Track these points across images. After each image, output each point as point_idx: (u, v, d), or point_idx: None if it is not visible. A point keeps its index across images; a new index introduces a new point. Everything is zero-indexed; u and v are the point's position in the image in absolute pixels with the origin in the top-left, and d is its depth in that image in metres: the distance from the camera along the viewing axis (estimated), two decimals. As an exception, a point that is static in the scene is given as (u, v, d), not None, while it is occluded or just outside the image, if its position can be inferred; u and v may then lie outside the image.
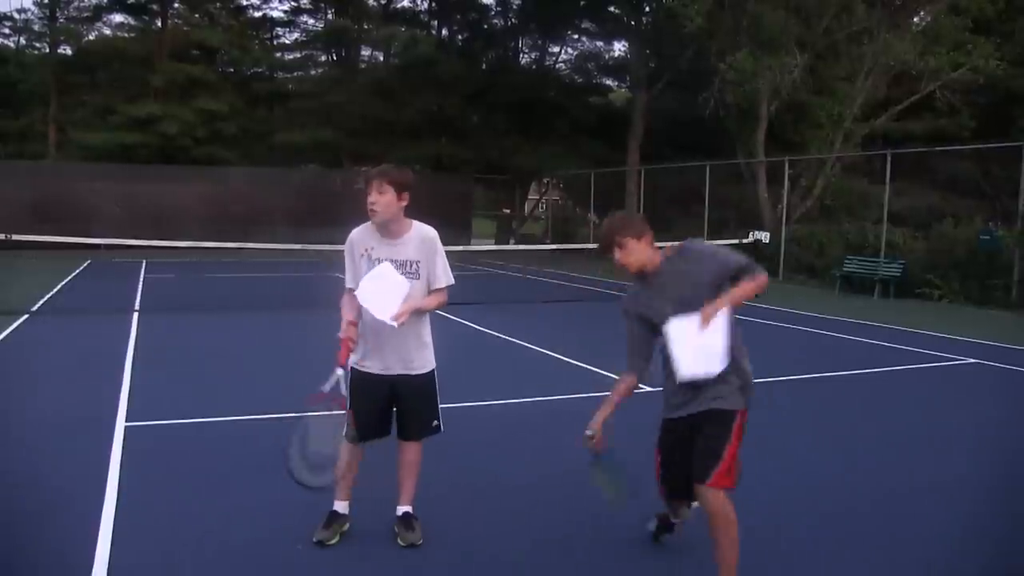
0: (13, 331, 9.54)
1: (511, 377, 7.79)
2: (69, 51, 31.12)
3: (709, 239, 9.54)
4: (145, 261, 19.66)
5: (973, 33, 19.92)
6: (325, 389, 3.46)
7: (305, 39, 34.56)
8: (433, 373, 3.73)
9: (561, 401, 6.67)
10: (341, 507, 3.74)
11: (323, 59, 34.67)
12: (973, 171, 20.43)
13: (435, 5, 33.73)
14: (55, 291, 13.86)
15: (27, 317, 10.62)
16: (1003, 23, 21.46)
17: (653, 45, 27.91)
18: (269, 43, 34.90)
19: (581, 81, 33.78)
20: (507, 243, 29.44)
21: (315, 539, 3.63)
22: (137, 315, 11.11)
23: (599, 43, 33.63)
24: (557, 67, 34.33)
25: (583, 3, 29.76)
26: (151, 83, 28.20)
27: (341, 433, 3.59)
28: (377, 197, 3.49)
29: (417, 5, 34.42)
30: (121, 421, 5.62)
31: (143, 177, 24.78)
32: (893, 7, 20.03)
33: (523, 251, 26.01)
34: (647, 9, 27.28)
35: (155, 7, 30.26)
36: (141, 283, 15.68)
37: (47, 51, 31.25)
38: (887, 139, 21.83)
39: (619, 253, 3.18)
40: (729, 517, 3.05)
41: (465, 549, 3.68)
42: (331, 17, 32.65)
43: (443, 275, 3.64)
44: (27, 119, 30.28)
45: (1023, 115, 21.44)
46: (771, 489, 4.45)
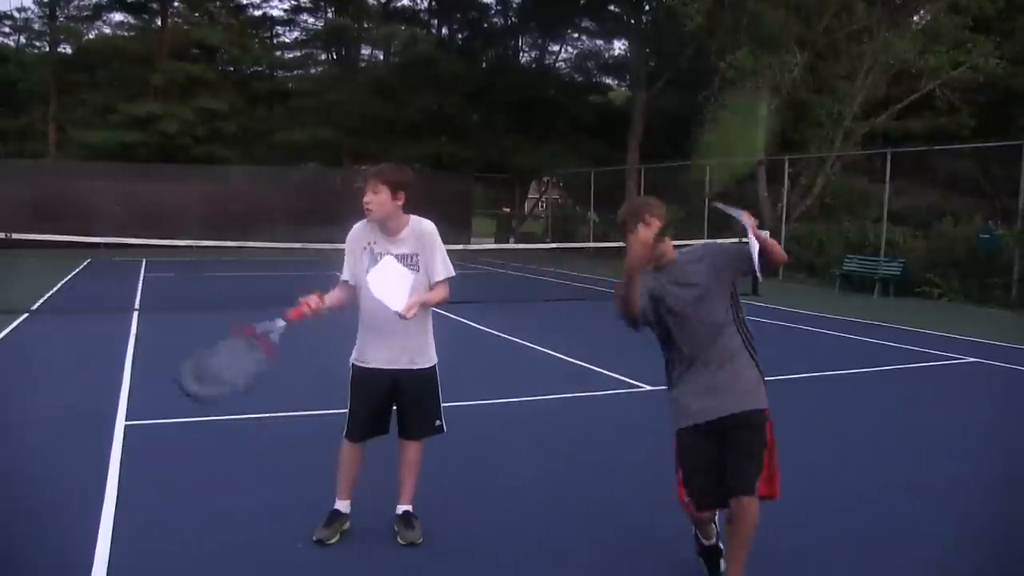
0: (13, 330, 9.55)
1: (511, 376, 7.80)
2: (69, 50, 31.16)
3: (709, 238, 9.54)
4: (145, 260, 19.67)
5: (973, 32, 19.90)
6: (257, 329, 3.46)
7: (305, 38, 34.62)
8: (435, 369, 3.73)
9: (561, 400, 6.67)
10: (343, 506, 3.74)
11: (323, 58, 34.74)
12: (973, 170, 20.39)
13: (435, 4, 33.72)
14: (55, 290, 13.87)
15: (27, 316, 10.62)
16: (1003, 22, 21.42)
17: (653, 44, 27.92)
18: (269, 42, 34.92)
19: (581, 80, 33.79)
20: (507, 242, 29.41)
21: (315, 538, 3.63)
22: (137, 314, 11.11)
23: (599, 42, 33.71)
24: (557, 66, 34.37)
25: (583, 2, 29.75)
26: (151, 82, 28.26)
27: (248, 369, 3.48)
28: (371, 197, 3.53)
29: (417, 4, 34.46)
30: (121, 420, 5.63)
31: (143, 176, 24.80)
32: (893, 6, 20.01)
33: (523, 250, 26.00)
34: (647, 8, 27.29)
35: (155, 6, 30.28)
36: (141, 282, 15.69)
37: (47, 50, 31.28)
38: (887, 138, 21.81)
39: (644, 229, 3.09)
40: (757, 522, 3.01)
41: (465, 548, 3.69)
42: (331, 16, 32.67)
43: (442, 268, 3.64)
44: (27, 118, 30.30)
45: (1023, 114, 21.41)
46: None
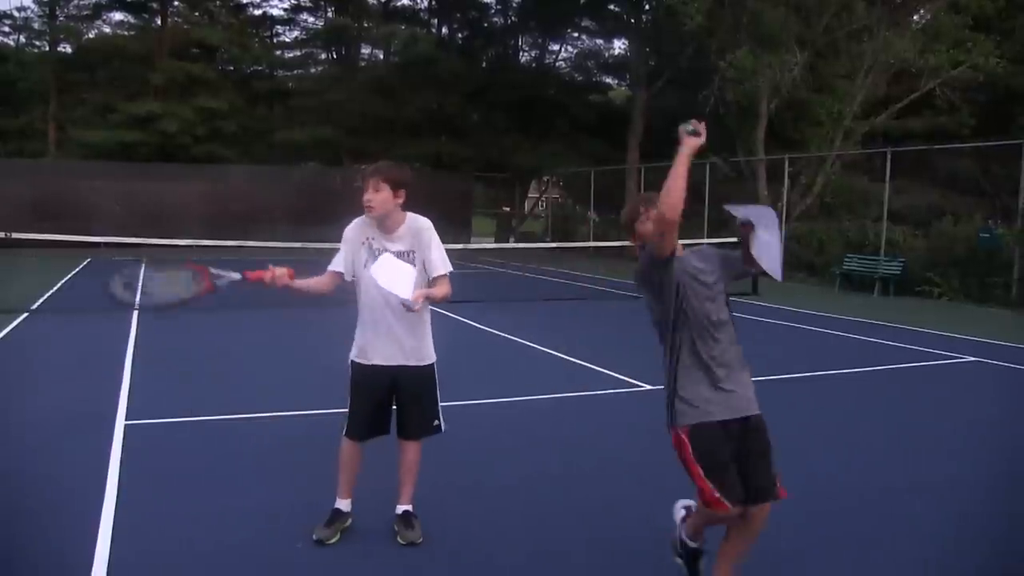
0: (13, 329, 9.55)
1: (511, 375, 7.79)
2: (69, 49, 31.18)
3: (709, 237, 9.56)
4: (145, 259, 19.65)
5: (973, 31, 19.91)
6: (211, 269, 3.63)
7: (305, 37, 34.64)
8: (434, 367, 3.73)
9: (561, 399, 6.67)
10: (344, 505, 3.74)
11: (323, 57, 34.76)
12: (973, 169, 20.39)
13: (435, 3, 33.72)
14: (55, 289, 13.87)
15: (27, 315, 10.62)
16: (1003, 21, 21.44)
17: (653, 43, 27.90)
18: (269, 41, 34.93)
19: (581, 79, 33.80)
20: (507, 241, 29.42)
21: (315, 537, 3.62)
22: (137, 313, 11.09)
23: (599, 41, 33.71)
24: (557, 65, 34.37)
25: (583, 1, 29.75)
26: (151, 81, 28.27)
27: (175, 294, 3.70)
28: (373, 195, 3.54)
29: (417, 3, 34.47)
30: (121, 419, 5.63)
31: (143, 175, 24.79)
32: (893, 5, 20.02)
33: (523, 249, 26.00)
34: (647, 7, 27.27)
35: (155, 5, 30.29)
36: (141, 281, 15.68)
37: (47, 49, 31.30)
38: (887, 137, 21.83)
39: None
40: None
41: (463, 547, 3.69)
42: (331, 15, 32.68)
43: (440, 263, 3.64)
44: (27, 117, 30.31)
45: (1023, 113, 21.42)
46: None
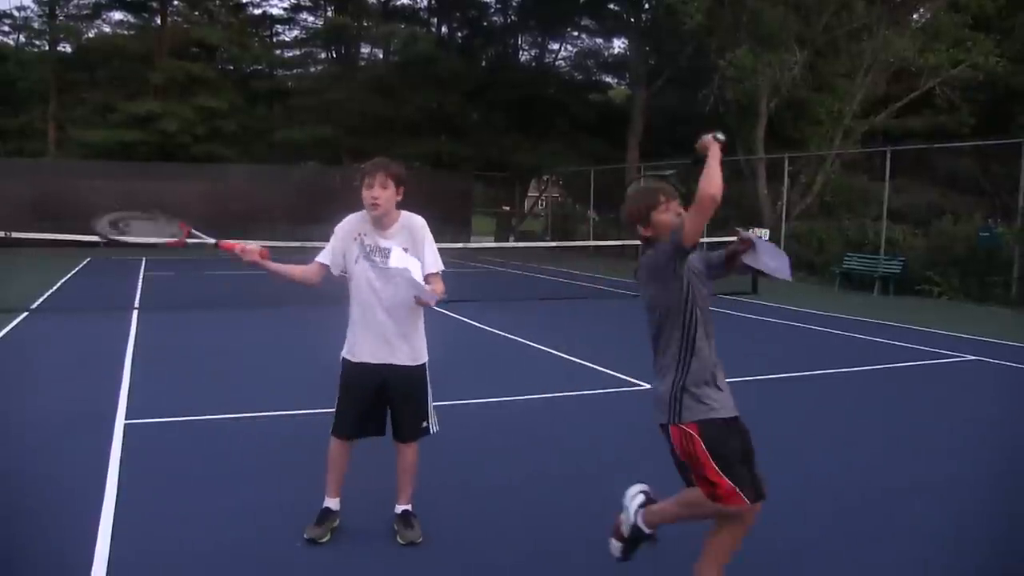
0: (13, 329, 9.56)
1: (511, 374, 7.78)
2: (69, 49, 31.14)
3: (708, 237, 9.55)
4: (145, 258, 19.66)
5: (973, 30, 19.91)
6: (192, 230, 3.86)
7: (305, 36, 34.63)
8: (425, 367, 3.70)
9: (562, 398, 6.67)
10: (332, 504, 3.75)
11: (323, 56, 34.74)
12: (973, 168, 20.40)
13: (435, 2, 33.70)
14: (55, 288, 13.87)
15: (27, 315, 10.63)
16: (1003, 20, 21.43)
17: (653, 42, 27.90)
18: (269, 40, 34.92)
19: (581, 78, 33.80)
20: (507, 240, 29.42)
21: (306, 536, 3.62)
22: (137, 312, 11.12)
23: (599, 40, 33.68)
24: (557, 64, 34.35)
25: (582, 0, 29.73)
26: (151, 81, 28.25)
27: (150, 237, 3.97)
28: (380, 192, 3.54)
29: (417, 3, 34.44)
30: (121, 418, 5.63)
31: (143, 175, 24.76)
32: (893, 4, 20.01)
33: (523, 248, 26.00)
34: (647, 6, 27.27)
35: (155, 5, 30.25)
36: (141, 280, 15.69)
37: (47, 49, 31.25)
38: (887, 136, 21.84)
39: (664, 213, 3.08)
40: None
41: (463, 547, 3.69)
42: (331, 14, 32.65)
43: (435, 262, 3.65)
44: (27, 117, 30.29)
45: (1023, 112, 21.42)
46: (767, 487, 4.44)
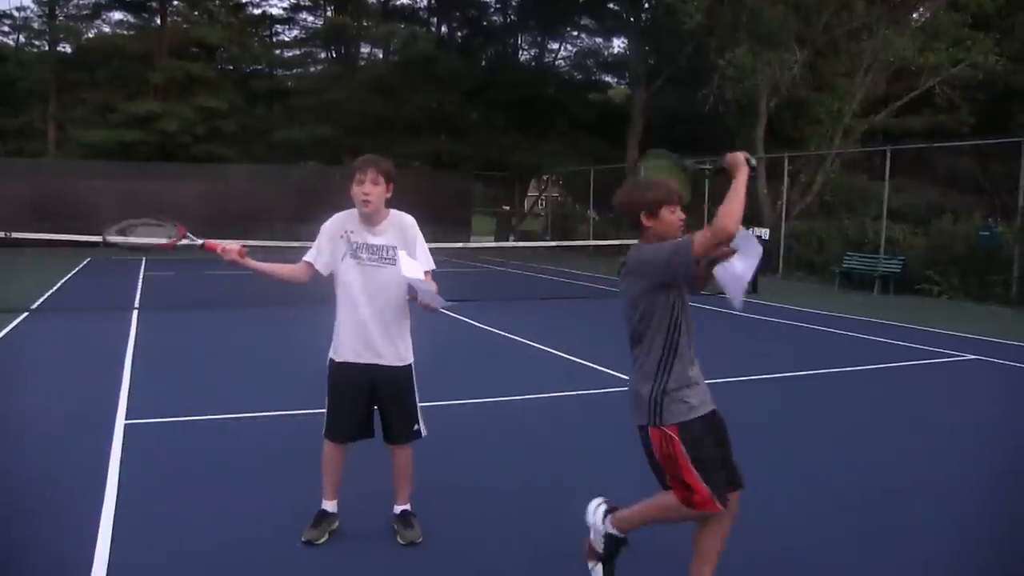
0: (13, 329, 9.56)
1: (511, 374, 7.79)
2: (68, 49, 31.11)
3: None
4: (144, 258, 19.67)
5: (972, 29, 19.90)
6: (187, 232, 4.06)
7: (304, 36, 34.61)
8: (411, 368, 3.69)
9: (562, 398, 6.67)
10: (329, 506, 3.74)
11: (322, 56, 34.71)
12: (972, 167, 20.42)
13: (434, 2, 33.68)
14: (55, 289, 13.88)
15: (27, 315, 10.63)
16: (1002, 19, 21.42)
17: (652, 42, 27.90)
18: (268, 40, 34.90)
19: (580, 78, 33.78)
20: (507, 240, 29.41)
21: (304, 538, 3.62)
22: (137, 313, 11.12)
23: (598, 40, 33.68)
24: (556, 64, 34.34)
25: (582, 0, 29.73)
26: (151, 81, 28.24)
27: (143, 240, 4.23)
28: (371, 188, 3.55)
29: (416, 2, 34.41)
30: (121, 419, 5.63)
31: (143, 175, 24.76)
32: (892, 3, 19.99)
33: (523, 248, 26.00)
34: (646, 5, 27.25)
35: (154, 5, 30.21)
36: (141, 280, 15.69)
37: (46, 49, 31.22)
38: (887, 135, 21.82)
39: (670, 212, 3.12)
40: None
41: (463, 548, 3.69)
42: (330, 14, 32.63)
43: (426, 260, 3.65)
44: (27, 117, 30.25)
45: (1022, 111, 21.41)
46: (767, 487, 4.42)
